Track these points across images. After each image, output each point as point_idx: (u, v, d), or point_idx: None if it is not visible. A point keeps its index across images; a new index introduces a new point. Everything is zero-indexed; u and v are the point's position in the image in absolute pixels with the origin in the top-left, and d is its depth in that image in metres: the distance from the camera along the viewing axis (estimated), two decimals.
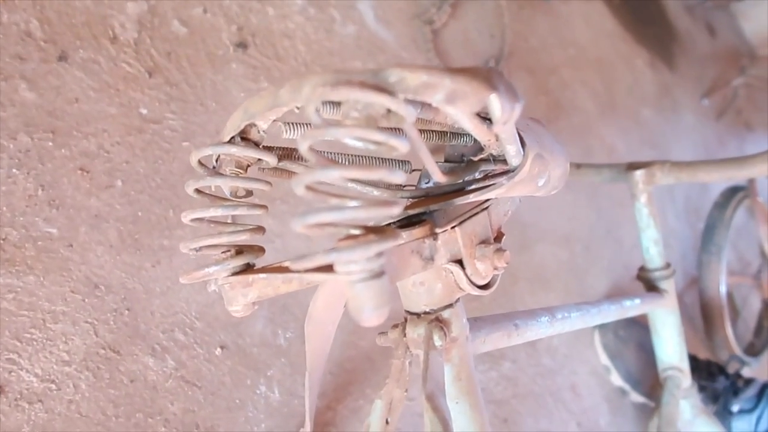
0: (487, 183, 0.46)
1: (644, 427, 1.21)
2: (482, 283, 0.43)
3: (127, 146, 0.75)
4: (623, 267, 1.47)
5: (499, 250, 0.42)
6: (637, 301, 0.82)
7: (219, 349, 0.73)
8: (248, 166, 0.44)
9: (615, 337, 1.24)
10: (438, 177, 0.40)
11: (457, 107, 0.29)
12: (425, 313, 0.43)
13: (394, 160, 0.50)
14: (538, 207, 1.31)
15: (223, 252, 0.42)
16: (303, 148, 0.31)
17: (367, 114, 0.32)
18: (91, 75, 0.75)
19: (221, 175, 0.43)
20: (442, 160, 0.52)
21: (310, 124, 0.42)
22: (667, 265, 0.95)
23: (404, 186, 0.53)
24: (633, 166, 0.94)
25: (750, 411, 1.07)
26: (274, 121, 0.42)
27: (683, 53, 2.31)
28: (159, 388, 0.67)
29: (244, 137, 0.43)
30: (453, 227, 0.41)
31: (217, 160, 0.44)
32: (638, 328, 1.23)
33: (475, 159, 0.44)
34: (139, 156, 0.75)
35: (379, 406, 0.44)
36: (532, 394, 1.08)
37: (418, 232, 0.42)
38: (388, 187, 0.50)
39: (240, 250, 0.43)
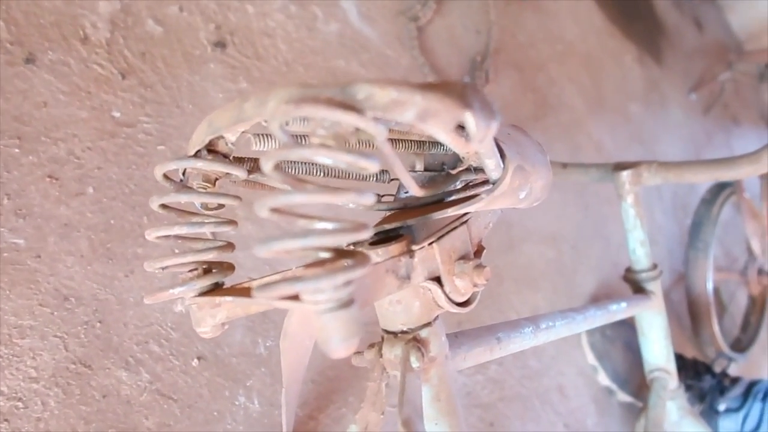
0: (467, 194, 0.44)
1: (631, 427, 1.21)
2: (461, 300, 0.41)
3: (99, 151, 0.72)
4: (611, 265, 1.47)
5: (479, 267, 0.40)
6: (624, 304, 0.81)
7: (196, 360, 0.71)
8: (217, 179, 0.42)
9: (602, 336, 1.23)
10: (415, 191, 0.39)
11: (430, 125, 0.28)
12: (402, 332, 0.41)
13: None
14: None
15: (190, 270, 0.40)
16: (267, 168, 0.29)
17: (335, 132, 0.30)
18: (61, 77, 0.72)
19: (188, 189, 0.41)
20: (422, 169, 0.50)
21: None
22: (654, 266, 0.94)
23: (382, 196, 0.51)
24: (620, 167, 0.93)
25: (736, 410, 1.06)
26: (243, 132, 0.40)
27: (671, 48, 2.30)
28: (133, 402, 0.65)
29: (211, 150, 0.41)
30: (431, 243, 0.40)
31: (184, 173, 0.42)
32: (625, 328, 1.22)
33: (454, 172, 0.42)
34: (111, 161, 0.73)
35: (354, 431, 0.42)
36: (518, 397, 1.07)
37: (394, 248, 0.40)
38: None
39: (208, 268, 0.41)
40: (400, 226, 0.42)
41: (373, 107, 0.28)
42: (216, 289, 0.40)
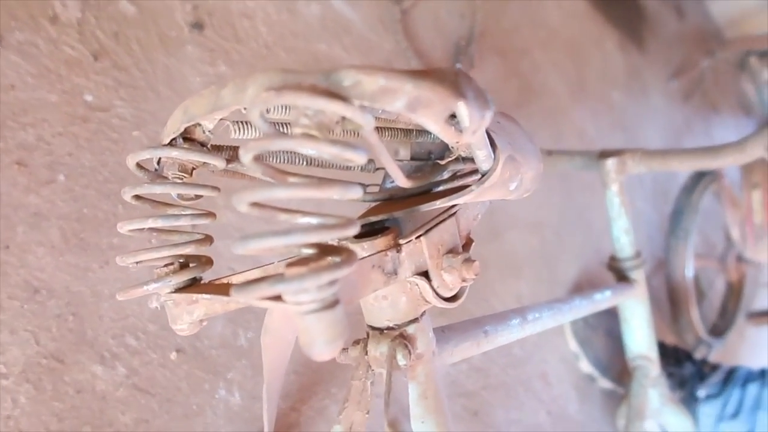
0: (456, 184, 0.43)
1: (613, 414, 1.22)
2: (449, 295, 0.40)
3: (71, 137, 0.69)
4: (593, 252, 1.47)
5: (468, 261, 0.39)
6: (608, 293, 0.81)
7: (174, 353, 0.69)
8: (194, 168, 0.40)
9: (584, 323, 1.23)
10: (402, 182, 0.37)
11: (420, 115, 0.26)
12: (388, 328, 0.40)
13: None
14: None
15: (165, 265, 0.38)
16: (246, 160, 0.27)
17: (319, 120, 0.28)
18: (29, 59, 0.69)
19: (163, 179, 0.39)
20: (408, 158, 0.48)
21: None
22: (638, 255, 0.94)
23: (367, 186, 0.49)
24: (605, 155, 0.93)
25: (716, 396, 1.08)
26: (222, 120, 0.38)
27: (652, 35, 2.30)
28: (108, 398, 0.63)
29: (188, 138, 0.39)
30: (419, 237, 0.38)
31: (159, 162, 0.40)
32: (607, 315, 1.23)
33: (442, 162, 0.41)
34: (84, 147, 0.70)
35: (338, 431, 0.40)
36: (503, 385, 1.07)
37: (381, 242, 0.38)
38: None
39: (185, 263, 0.39)
40: (386, 218, 0.40)
41: (360, 95, 0.26)
42: (193, 285, 0.38)
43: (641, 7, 2.33)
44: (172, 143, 0.37)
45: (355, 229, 0.27)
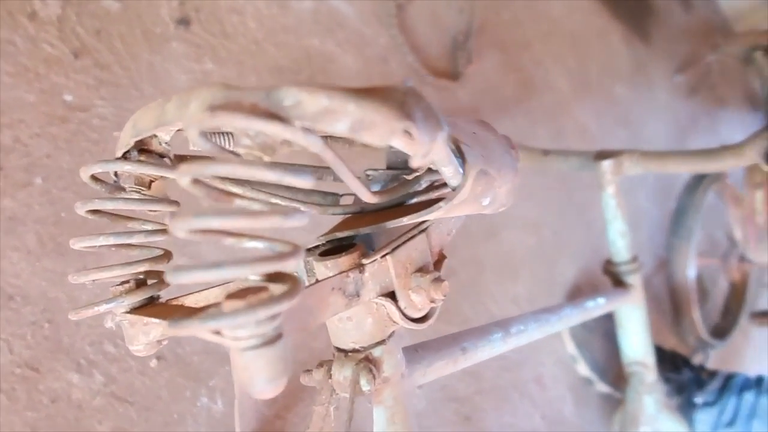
0: (431, 196, 0.41)
1: (609, 418, 1.20)
2: (418, 315, 0.38)
3: (49, 138, 0.67)
4: (592, 252, 1.45)
5: (437, 280, 0.37)
6: (601, 300, 0.79)
7: (155, 361, 0.68)
8: (152, 181, 0.38)
9: (582, 326, 1.21)
10: (366, 197, 0.35)
11: (364, 138, 0.24)
12: (354, 350, 0.38)
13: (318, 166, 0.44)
14: None
15: (121, 283, 0.37)
16: (183, 184, 0.26)
17: (262, 141, 0.26)
18: (6, 58, 0.67)
19: (120, 192, 0.37)
20: (384, 167, 0.46)
21: (227, 134, 0.36)
22: (634, 259, 0.91)
23: (341, 196, 0.48)
24: (601, 155, 0.90)
25: (713, 404, 1.06)
26: (179, 130, 0.36)
27: (658, 28, 2.26)
28: (85, 407, 0.62)
29: (145, 149, 0.37)
30: (384, 255, 0.36)
31: (117, 174, 0.38)
32: (606, 318, 1.20)
33: (410, 178, 0.39)
34: (62, 149, 0.68)
35: None
36: (496, 389, 1.05)
37: (345, 261, 0.36)
38: (319, 201, 0.45)
39: (142, 281, 0.37)
40: (354, 234, 0.39)
41: (301, 116, 0.25)
42: (150, 305, 0.37)
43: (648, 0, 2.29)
44: (125, 156, 0.35)
45: (297, 259, 0.25)
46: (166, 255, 0.37)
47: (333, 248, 0.39)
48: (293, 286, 0.26)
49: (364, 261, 0.36)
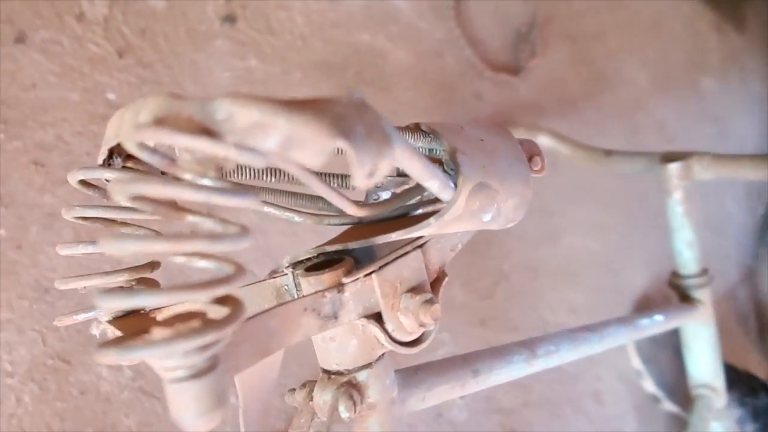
0: (436, 207, 0.37)
1: None
2: (408, 339, 0.35)
3: (90, 136, 0.69)
4: (668, 259, 1.34)
5: (428, 303, 0.34)
6: (659, 317, 0.71)
7: None
8: None
9: (651, 339, 1.12)
10: (350, 210, 0.32)
11: (296, 157, 0.21)
12: (337, 373, 0.35)
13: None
14: (568, 193, 1.19)
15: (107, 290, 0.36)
16: (120, 201, 0.24)
17: (203, 157, 0.24)
18: (52, 58, 0.69)
19: (103, 197, 0.36)
20: (394, 173, 0.43)
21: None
22: (703, 272, 0.83)
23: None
24: (668, 158, 0.82)
25: None
26: None
27: (756, 13, 2.06)
28: (113, 399, 0.63)
29: (130, 155, 0.36)
30: (369, 274, 0.33)
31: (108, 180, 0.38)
32: (678, 331, 1.11)
33: (404, 188, 0.35)
34: None
35: None
36: (546, 402, 0.99)
37: (327, 278, 0.34)
38: (321, 208, 0.42)
39: (130, 288, 0.36)
40: (342, 249, 0.36)
41: (232, 131, 0.22)
42: (132, 314, 0.36)
43: None
44: (107, 162, 0.34)
45: (236, 285, 0.23)
46: (150, 265, 0.36)
47: (324, 262, 0.36)
48: (233, 312, 0.24)
49: (345, 280, 0.33)
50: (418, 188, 0.37)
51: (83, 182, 0.37)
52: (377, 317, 0.34)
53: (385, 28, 1.04)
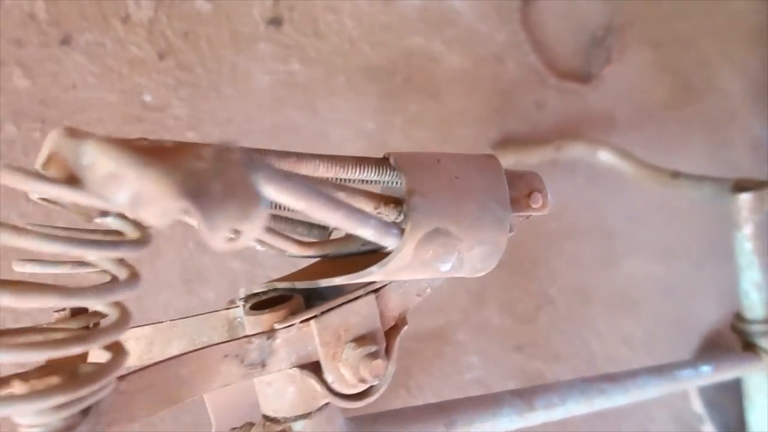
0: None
1: None
2: (351, 392, 0.32)
3: (123, 137, 0.71)
4: None
5: (370, 356, 0.30)
6: (706, 368, 0.63)
7: None
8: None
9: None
10: (294, 250, 0.30)
11: (144, 218, 0.19)
12: (274, 420, 0.33)
13: None
14: (633, 211, 1.10)
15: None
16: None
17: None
18: (94, 59, 0.71)
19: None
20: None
21: None
22: None
23: (330, 232, 0.42)
24: (740, 186, 0.72)
25: None
26: None
27: None
28: None
29: None
30: (307, 320, 0.30)
31: None
32: None
33: None
34: None
35: None
36: None
37: (268, 319, 0.31)
38: (305, 236, 0.40)
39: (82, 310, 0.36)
40: (290, 287, 0.33)
41: (92, 179, 0.20)
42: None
43: None
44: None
45: (82, 349, 0.21)
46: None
47: (277, 298, 0.34)
48: (99, 369, 0.22)
49: (277, 325, 0.30)
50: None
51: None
52: (316, 366, 0.31)
53: (442, 31, 1.00)
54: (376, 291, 0.33)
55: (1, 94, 0.66)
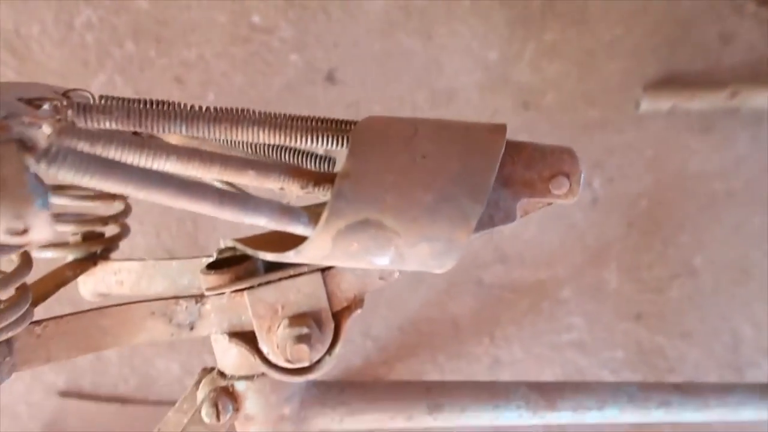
0: None
1: None
2: (289, 367, 0.30)
3: (228, 57, 0.73)
4: None
5: (298, 338, 0.28)
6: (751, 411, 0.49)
7: None
8: None
9: None
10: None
11: None
12: (221, 374, 0.32)
13: None
14: None
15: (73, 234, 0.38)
16: None
17: None
18: None
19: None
20: None
21: None
22: None
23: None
24: None
25: None
26: None
27: None
28: None
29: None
30: (239, 290, 0.29)
31: None
32: None
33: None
34: (238, 68, 0.73)
35: None
36: None
37: (214, 279, 0.30)
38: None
39: (93, 235, 0.38)
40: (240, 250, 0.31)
41: None
42: (94, 259, 0.38)
43: None
44: None
45: None
46: (117, 216, 0.38)
47: (239, 257, 0.33)
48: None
49: (207, 292, 0.29)
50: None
51: None
52: (252, 336, 0.29)
53: None
54: (324, 270, 0.30)
55: (124, 13, 0.71)
